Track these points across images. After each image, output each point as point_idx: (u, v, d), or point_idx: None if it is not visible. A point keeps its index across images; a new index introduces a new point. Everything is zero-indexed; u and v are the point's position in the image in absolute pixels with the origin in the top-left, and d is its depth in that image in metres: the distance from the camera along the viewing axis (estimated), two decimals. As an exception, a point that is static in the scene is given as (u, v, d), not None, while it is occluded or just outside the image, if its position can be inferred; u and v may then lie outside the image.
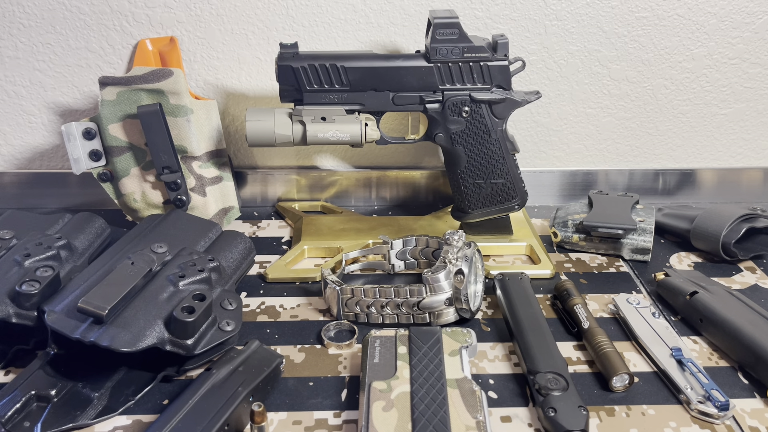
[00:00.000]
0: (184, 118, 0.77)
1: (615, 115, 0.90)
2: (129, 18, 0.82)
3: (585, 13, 0.84)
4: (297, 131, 0.73)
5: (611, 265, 0.76)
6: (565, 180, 0.92)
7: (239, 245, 0.71)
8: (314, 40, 0.85)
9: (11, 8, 0.81)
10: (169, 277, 0.60)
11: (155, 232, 0.69)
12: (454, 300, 0.63)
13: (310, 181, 0.90)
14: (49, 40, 0.83)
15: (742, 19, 0.85)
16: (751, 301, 0.63)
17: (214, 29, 0.84)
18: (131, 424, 0.53)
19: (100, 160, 0.78)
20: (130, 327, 0.54)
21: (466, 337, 0.58)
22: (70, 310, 0.55)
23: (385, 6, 0.83)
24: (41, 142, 0.89)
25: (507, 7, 0.83)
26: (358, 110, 0.74)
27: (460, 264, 0.63)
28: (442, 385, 0.51)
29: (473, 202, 0.77)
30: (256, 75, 0.86)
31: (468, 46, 0.71)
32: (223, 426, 0.49)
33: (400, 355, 0.55)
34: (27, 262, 0.61)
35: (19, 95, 0.86)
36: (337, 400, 0.56)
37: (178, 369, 0.57)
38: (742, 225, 0.75)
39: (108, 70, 0.85)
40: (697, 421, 0.53)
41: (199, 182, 0.80)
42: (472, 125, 0.74)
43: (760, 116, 0.91)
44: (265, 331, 0.64)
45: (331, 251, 0.77)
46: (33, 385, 0.53)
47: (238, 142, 0.90)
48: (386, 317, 0.64)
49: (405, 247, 0.73)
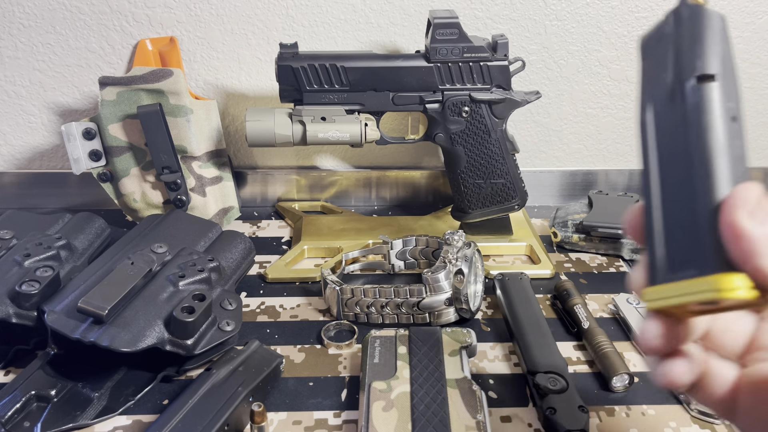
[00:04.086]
0: (184, 118, 0.77)
1: (615, 115, 0.90)
2: (129, 18, 0.82)
3: (585, 13, 0.84)
4: (297, 131, 0.73)
5: (611, 265, 0.76)
6: (565, 180, 0.92)
7: (239, 245, 0.71)
8: (314, 40, 0.85)
9: (11, 8, 0.81)
10: (169, 277, 0.60)
11: (155, 232, 0.69)
12: (454, 300, 0.63)
13: (310, 181, 0.90)
14: (49, 40, 0.83)
15: (742, 19, 0.85)
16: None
17: (214, 29, 0.84)
18: (131, 424, 0.53)
19: (100, 160, 0.78)
20: (130, 327, 0.54)
21: (466, 337, 0.58)
22: (70, 310, 0.55)
23: (385, 6, 0.83)
24: (41, 142, 0.89)
25: (507, 7, 0.83)
26: (358, 110, 0.74)
27: (460, 264, 0.63)
28: (442, 385, 0.51)
29: (473, 202, 0.77)
30: (256, 75, 0.86)
31: (468, 46, 0.71)
32: (223, 426, 0.49)
33: (400, 355, 0.55)
34: (27, 262, 0.61)
35: (19, 95, 0.86)
36: (337, 400, 0.56)
37: (178, 369, 0.57)
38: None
39: (108, 70, 0.85)
40: (697, 422, 0.53)
41: (199, 182, 0.80)
42: (472, 125, 0.74)
43: (760, 116, 0.91)
44: (265, 331, 0.64)
45: (331, 251, 0.77)
46: (33, 385, 0.53)
47: (238, 142, 0.90)
48: (386, 317, 0.64)
49: (405, 247, 0.73)
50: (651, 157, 0.31)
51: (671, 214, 0.30)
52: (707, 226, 0.28)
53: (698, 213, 0.29)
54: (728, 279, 0.27)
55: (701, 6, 0.30)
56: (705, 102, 0.29)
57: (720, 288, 0.27)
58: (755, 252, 0.26)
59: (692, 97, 0.29)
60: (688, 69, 0.30)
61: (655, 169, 0.31)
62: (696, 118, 0.29)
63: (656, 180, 0.31)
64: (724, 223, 0.27)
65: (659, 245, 0.30)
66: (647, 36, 0.32)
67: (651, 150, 0.31)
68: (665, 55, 0.31)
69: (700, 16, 0.30)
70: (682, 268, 0.29)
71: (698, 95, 0.29)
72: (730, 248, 0.27)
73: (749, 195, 0.27)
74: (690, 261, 0.29)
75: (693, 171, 0.29)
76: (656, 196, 0.31)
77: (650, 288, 0.30)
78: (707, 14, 0.30)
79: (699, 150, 0.29)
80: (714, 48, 0.29)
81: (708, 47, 0.29)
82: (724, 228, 0.27)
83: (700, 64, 0.29)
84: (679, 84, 0.30)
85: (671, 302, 0.29)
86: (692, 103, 0.29)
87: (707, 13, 0.30)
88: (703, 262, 0.28)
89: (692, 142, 0.29)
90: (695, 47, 0.30)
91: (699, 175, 0.29)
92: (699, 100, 0.29)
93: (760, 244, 0.26)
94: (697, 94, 0.29)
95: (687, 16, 0.30)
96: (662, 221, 0.30)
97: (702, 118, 0.29)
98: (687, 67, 0.30)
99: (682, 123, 0.30)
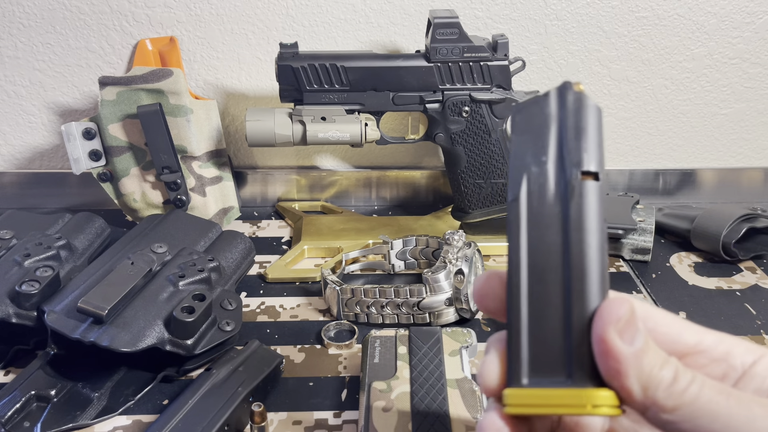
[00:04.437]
0: (184, 118, 0.77)
1: (615, 115, 0.90)
2: (129, 18, 0.82)
3: (585, 13, 0.84)
4: (297, 131, 0.73)
5: (611, 265, 0.76)
6: (565, 180, 0.92)
7: (239, 245, 0.71)
8: (314, 40, 0.85)
9: (11, 8, 0.81)
10: (169, 277, 0.60)
11: (155, 232, 0.69)
12: (454, 300, 0.63)
13: (310, 181, 0.90)
14: (49, 40, 0.83)
15: (742, 19, 0.85)
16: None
17: (214, 29, 0.84)
18: (131, 425, 0.53)
19: (99, 160, 0.78)
20: (130, 327, 0.54)
21: (467, 337, 0.58)
22: (70, 310, 0.55)
23: (385, 6, 0.83)
24: (41, 142, 0.89)
25: (507, 7, 0.83)
26: (358, 110, 0.73)
27: (460, 264, 0.63)
28: (442, 386, 0.51)
29: (473, 202, 0.77)
30: (256, 75, 0.86)
31: (468, 46, 0.71)
32: (223, 426, 0.49)
33: (400, 355, 0.55)
34: (27, 262, 0.61)
35: (19, 95, 0.86)
36: (337, 401, 0.56)
37: (178, 369, 0.57)
38: (743, 225, 0.75)
39: (108, 70, 0.85)
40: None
41: (198, 182, 0.80)
42: (472, 125, 0.74)
43: (760, 116, 0.91)
44: (265, 331, 0.64)
45: (331, 251, 0.77)
46: (33, 385, 0.53)
47: (238, 142, 0.90)
48: (386, 317, 0.64)
49: (405, 247, 0.73)
50: (521, 240, 0.29)
51: (539, 311, 0.28)
52: (579, 334, 0.27)
53: (570, 319, 0.28)
54: (599, 395, 0.27)
55: (586, 95, 0.29)
56: (587, 200, 0.28)
57: (592, 404, 0.27)
58: (622, 372, 0.26)
59: (574, 191, 0.28)
60: (573, 160, 0.28)
61: (524, 255, 0.29)
62: (577, 216, 0.28)
63: (524, 269, 0.29)
64: (595, 337, 0.27)
65: (523, 342, 0.28)
66: (522, 109, 0.30)
67: (521, 233, 0.29)
68: (545, 136, 0.29)
69: (585, 106, 0.28)
70: (548, 373, 0.28)
71: (581, 190, 0.28)
72: (600, 363, 0.27)
73: (621, 312, 0.27)
74: (557, 367, 0.28)
75: (569, 272, 0.28)
76: (523, 285, 0.29)
77: (512, 390, 0.28)
78: (592, 106, 0.28)
79: (577, 251, 0.28)
80: (598, 145, 0.28)
81: (592, 143, 0.28)
82: (595, 343, 0.27)
83: (585, 159, 0.28)
84: (561, 172, 0.28)
85: (536, 411, 0.28)
86: (574, 196, 0.28)
87: (591, 104, 0.28)
88: (573, 372, 0.27)
89: (572, 240, 0.28)
90: (581, 139, 0.28)
91: (575, 278, 0.28)
92: (581, 197, 0.28)
93: (627, 364, 0.26)
94: (580, 188, 0.28)
95: (572, 102, 0.29)
96: (527, 317, 0.29)
97: (583, 218, 0.28)
98: (571, 158, 0.28)
99: (560, 216, 0.28)
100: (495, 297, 0.31)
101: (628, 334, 0.27)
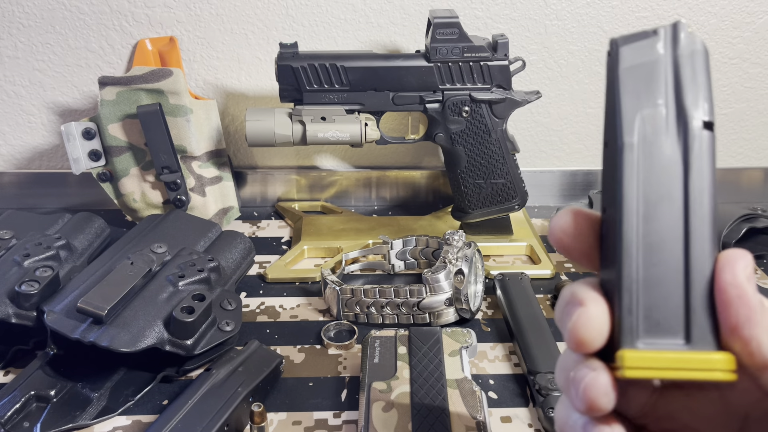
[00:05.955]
0: (183, 118, 0.77)
1: (615, 115, 0.90)
2: (129, 18, 0.82)
3: (585, 12, 0.84)
4: (297, 131, 0.73)
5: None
6: (565, 180, 0.92)
7: (239, 245, 0.71)
8: (314, 40, 0.85)
9: (11, 8, 0.81)
10: (169, 278, 0.60)
11: (155, 232, 0.69)
12: (454, 300, 0.63)
13: (310, 181, 0.90)
14: (48, 40, 0.83)
15: (742, 19, 0.85)
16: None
17: (214, 29, 0.83)
18: (131, 425, 0.53)
19: (99, 160, 0.78)
20: (130, 327, 0.54)
21: (466, 338, 0.58)
22: (69, 310, 0.55)
23: (385, 6, 0.83)
24: (41, 142, 0.89)
25: (507, 7, 0.83)
26: (358, 110, 0.73)
27: (460, 264, 0.63)
28: (442, 386, 0.51)
29: (473, 202, 0.77)
30: (256, 75, 0.86)
31: (468, 46, 0.71)
32: (223, 426, 0.49)
33: (400, 355, 0.55)
34: (26, 262, 0.61)
35: (19, 95, 0.86)
36: (337, 401, 0.55)
37: (177, 369, 0.57)
38: (743, 225, 0.75)
39: (108, 70, 0.85)
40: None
41: (198, 182, 0.80)
42: (472, 125, 0.74)
43: (760, 116, 0.91)
44: (264, 332, 0.64)
45: (331, 251, 0.77)
46: (32, 386, 0.53)
47: (238, 142, 0.90)
48: (386, 317, 0.64)
49: (405, 247, 0.73)
50: (632, 185, 0.27)
51: (655, 265, 0.27)
52: (700, 290, 0.26)
53: (690, 274, 0.26)
54: (723, 359, 0.26)
55: (701, 40, 0.28)
56: (710, 150, 0.27)
57: (716, 368, 0.25)
58: (753, 320, 0.25)
59: (696, 141, 0.27)
60: (693, 108, 0.27)
61: (637, 201, 0.27)
62: (699, 165, 0.27)
63: (636, 217, 0.27)
64: (724, 284, 0.25)
65: (637, 298, 0.27)
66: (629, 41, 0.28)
67: (632, 177, 0.27)
68: (659, 77, 0.28)
69: (699, 51, 0.27)
70: (665, 333, 0.26)
71: (702, 140, 0.27)
72: (728, 313, 0.25)
73: (747, 260, 0.26)
74: (675, 327, 0.26)
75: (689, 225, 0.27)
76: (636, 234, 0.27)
77: (630, 352, 0.26)
78: (705, 51, 0.27)
79: (698, 202, 0.27)
80: (711, 94, 0.27)
81: (709, 92, 0.27)
82: (724, 291, 0.25)
83: (706, 108, 0.27)
84: (681, 119, 0.27)
85: (655, 374, 0.26)
86: (696, 145, 0.27)
87: (705, 49, 0.28)
88: (692, 332, 0.26)
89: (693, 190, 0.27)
90: (700, 87, 0.27)
91: (696, 230, 0.26)
92: (703, 146, 0.27)
93: (757, 311, 0.25)
94: (702, 139, 0.27)
95: (686, 44, 0.27)
96: (642, 270, 0.27)
97: (705, 168, 0.27)
98: (691, 106, 0.27)
99: (681, 163, 0.27)
100: (579, 236, 0.28)
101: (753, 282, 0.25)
